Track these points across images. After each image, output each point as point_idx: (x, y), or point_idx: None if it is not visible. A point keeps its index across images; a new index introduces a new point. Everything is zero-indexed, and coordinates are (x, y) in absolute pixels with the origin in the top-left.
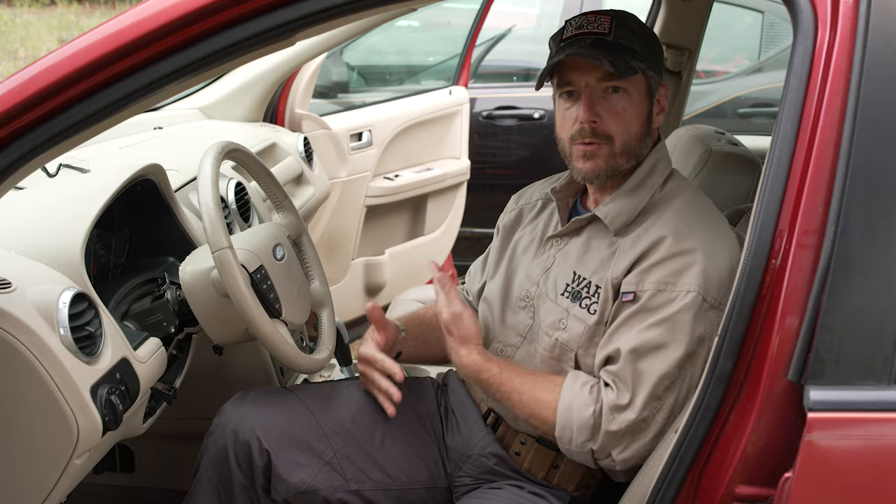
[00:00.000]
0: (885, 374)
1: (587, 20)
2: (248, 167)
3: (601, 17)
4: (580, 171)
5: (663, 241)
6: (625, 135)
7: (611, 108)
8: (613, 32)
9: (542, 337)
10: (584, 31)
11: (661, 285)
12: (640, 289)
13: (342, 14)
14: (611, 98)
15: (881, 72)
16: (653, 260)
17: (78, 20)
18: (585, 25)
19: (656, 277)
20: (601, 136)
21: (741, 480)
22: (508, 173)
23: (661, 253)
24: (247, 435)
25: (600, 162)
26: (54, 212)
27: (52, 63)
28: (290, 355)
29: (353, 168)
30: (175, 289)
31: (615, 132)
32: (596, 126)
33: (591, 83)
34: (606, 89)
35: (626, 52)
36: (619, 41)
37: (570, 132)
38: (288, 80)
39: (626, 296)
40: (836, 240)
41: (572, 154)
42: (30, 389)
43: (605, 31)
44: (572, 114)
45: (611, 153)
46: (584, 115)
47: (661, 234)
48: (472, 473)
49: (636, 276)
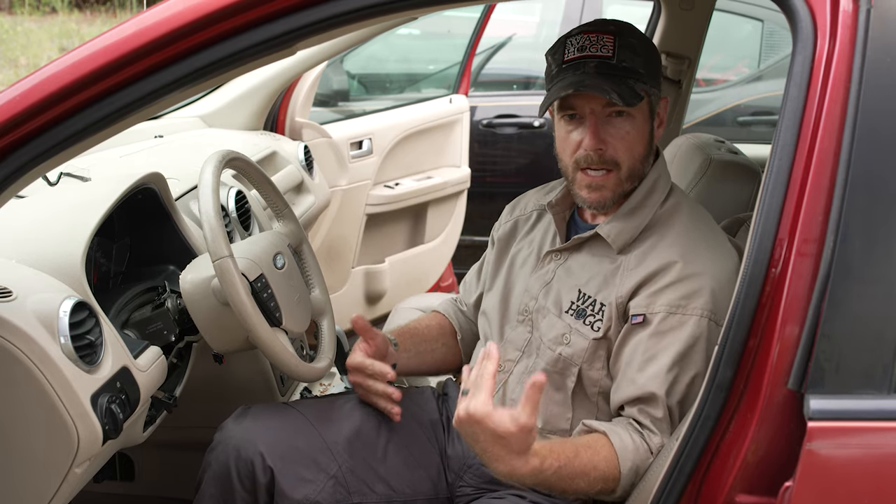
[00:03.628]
0: (886, 382)
1: (589, 41)
2: (249, 176)
3: (604, 37)
4: (586, 200)
5: (673, 266)
6: (631, 159)
7: (616, 132)
8: (617, 54)
9: (545, 351)
10: (587, 55)
11: (673, 308)
12: (651, 311)
13: (343, 23)
14: (615, 122)
15: (881, 81)
16: (663, 283)
17: (79, 28)
18: (588, 47)
19: (667, 300)
20: (608, 162)
21: (741, 489)
22: (509, 181)
23: (671, 277)
24: (249, 452)
25: (607, 192)
26: (55, 220)
27: (53, 72)
28: (290, 364)
29: (353, 176)
30: (175, 297)
31: (622, 158)
32: (602, 152)
33: (595, 109)
34: (611, 113)
35: (630, 75)
36: (623, 64)
37: (573, 156)
38: (288, 89)
39: (635, 318)
40: (836, 248)
41: (576, 181)
42: (30, 398)
43: (608, 53)
44: (575, 137)
45: (618, 181)
46: (591, 143)
47: (671, 259)
48: (473, 483)
49: (646, 299)
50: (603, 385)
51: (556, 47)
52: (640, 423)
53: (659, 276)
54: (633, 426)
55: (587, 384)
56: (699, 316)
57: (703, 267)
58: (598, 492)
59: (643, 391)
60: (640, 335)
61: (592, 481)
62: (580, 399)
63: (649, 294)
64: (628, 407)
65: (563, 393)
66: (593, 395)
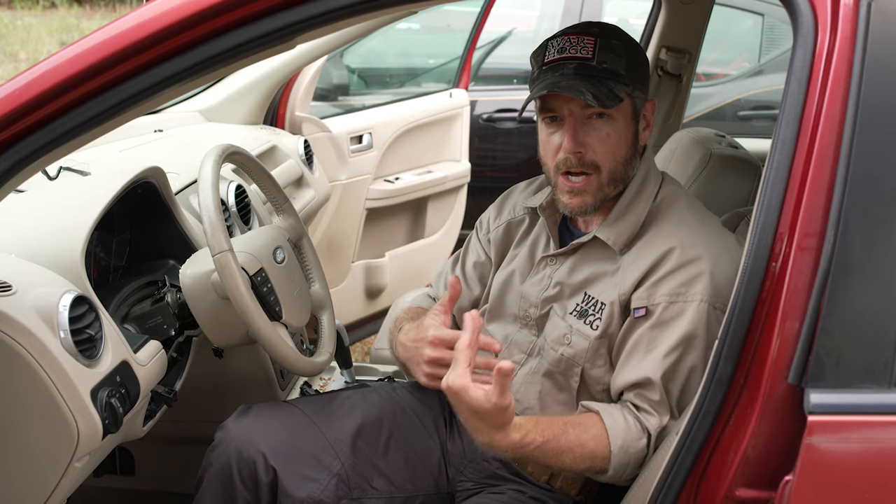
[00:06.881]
0: (886, 377)
1: (570, 42)
2: (249, 170)
3: (584, 38)
4: (567, 206)
5: (671, 253)
6: (612, 162)
7: (596, 134)
8: (597, 56)
9: (549, 352)
10: (566, 56)
11: (673, 297)
12: (652, 303)
13: (343, 17)
14: (595, 124)
15: (881, 75)
16: (662, 272)
17: (78, 23)
18: (568, 48)
19: (667, 290)
20: (588, 166)
21: (741, 483)
22: (509, 176)
23: (671, 265)
24: (251, 452)
25: (588, 198)
26: (55, 215)
27: (52, 66)
28: (290, 358)
29: (353, 171)
30: (175, 292)
31: (602, 161)
32: (582, 155)
33: (574, 111)
34: (590, 115)
35: (610, 77)
36: (603, 65)
37: (554, 160)
38: (288, 83)
39: (637, 311)
40: (837, 243)
41: (557, 185)
42: (30, 392)
43: (588, 55)
44: (555, 140)
45: (598, 185)
46: (570, 146)
47: (669, 246)
48: (473, 478)
49: (646, 291)
50: (607, 382)
51: (538, 50)
52: (636, 407)
53: (659, 266)
54: (629, 408)
55: (591, 383)
56: (699, 301)
57: (700, 250)
58: (585, 469)
59: (640, 376)
60: (642, 327)
61: (578, 458)
62: (585, 398)
63: (650, 285)
64: (626, 392)
65: (568, 393)
66: (598, 394)
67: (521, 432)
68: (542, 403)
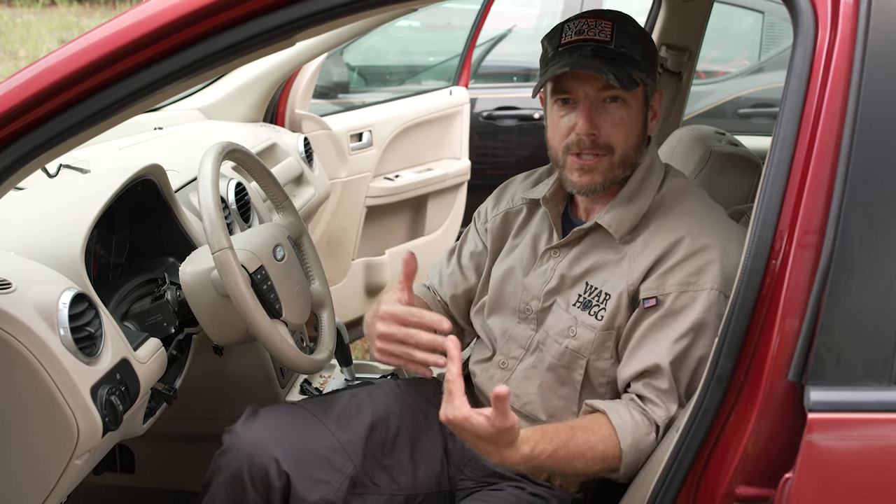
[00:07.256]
0: (886, 374)
1: (588, 25)
2: (249, 167)
3: (602, 21)
4: (575, 184)
5: (681, 242)
6: (624, 145)
7: (610, 118)
8: (615, 40)
9: (552, 345)
10: (584, 38)
11: (684, 286)
12: (662, 292)
13: (342, 14)
14: (609, 108)
15: (881, 73)
16: (672, 261)
17: (78, 20)
18: (586, 31)
19: (677, 279)
20: (601, 147)
21: (741, 481)
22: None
23: (681, 254)
24: (263, 458)
25: (597, 176)
26: (54, 212)
27: (52, 63)
28: (290, 355)
29: (353, 168)
30: (175, 289)
31: (616, 143)
32: (595, 138)
33: (590, 94)
34: (605, 99)
35: (627, 62)
36: (621, 49)
37: (564, 141)
38: (288, 81)
39: (647, 302)
40: (837, 241)
41: (566, 164)
42: (30, 390)
43: (606, 38)
44: (567, 122)
45: (610, 165)
46: (584, 128)
47: (679, 235)
48: (473, 476)
49: (656, 281)
50: (611, 374)
51: (552, 32)
52: (642, 398)
53: (669, 256)
54: (635, 402)
55: (594, 375)
56: (709, 289)
57: (710, 239)
58: (598, 471)
59: (649, 363)
60: (651, 317)
61: (590, 461)
62: (588, 392)
63: (660, 275)
64: (633, 382)
65: (570, 387)
66: (601, 386)
67: (530, 444)
68: (543, 397)
